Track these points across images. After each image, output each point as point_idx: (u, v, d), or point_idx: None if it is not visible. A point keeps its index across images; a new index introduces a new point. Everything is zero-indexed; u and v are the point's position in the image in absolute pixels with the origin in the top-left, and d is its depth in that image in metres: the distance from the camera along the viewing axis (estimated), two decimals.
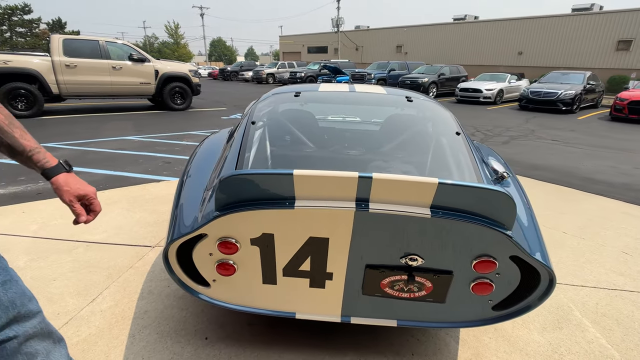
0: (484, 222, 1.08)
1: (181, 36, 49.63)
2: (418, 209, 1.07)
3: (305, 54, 44.93)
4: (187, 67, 9.80)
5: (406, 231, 1.12)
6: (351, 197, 1.07)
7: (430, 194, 1.05)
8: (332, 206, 1.07)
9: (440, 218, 1.07)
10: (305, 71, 21.21)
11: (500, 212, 1.07)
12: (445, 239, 1.12)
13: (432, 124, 1.89)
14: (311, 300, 1.33)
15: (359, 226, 1.12)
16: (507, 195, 1.03)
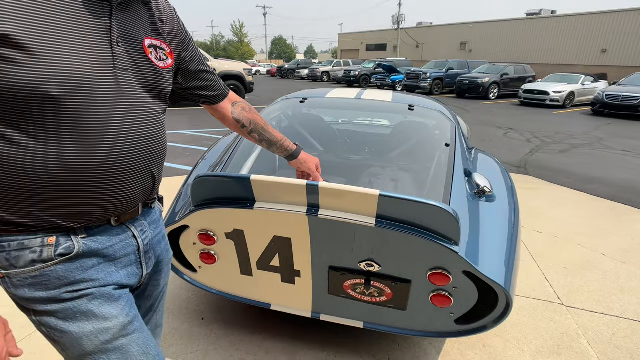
0: (428, 235, 1.09)
1: (245, 35, 52.00)
2: (364, 217, 1.11)
3: (364, 51, 44.61)
4: (242, 66, 10.31)
5: (357, 238, 1.16)
6: (303, 202, 1.14)
7: (373, 205, 1.08)
8: (286, 210, 1.15)
9: (384, 228, 1.10)
10: (360, 70, 21.11)
11: (443, 227, 1.07)
12: (396, 248, 1.14)
13: (425, 134, 1.88)
14: (284, 294, 1.42)
15: (314, 230, 1.19)
16: (447, 211, 1.03)
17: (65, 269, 0.68)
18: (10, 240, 0.64)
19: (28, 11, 0.56)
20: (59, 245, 0.67)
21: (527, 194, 4.01)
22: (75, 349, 0.70)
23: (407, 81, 17.44)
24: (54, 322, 0.69)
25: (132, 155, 0.70)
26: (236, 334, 1.74)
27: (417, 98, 2.29)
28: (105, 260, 0.73)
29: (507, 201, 1.51)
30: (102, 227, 0.72)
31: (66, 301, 0.69)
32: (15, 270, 0.65)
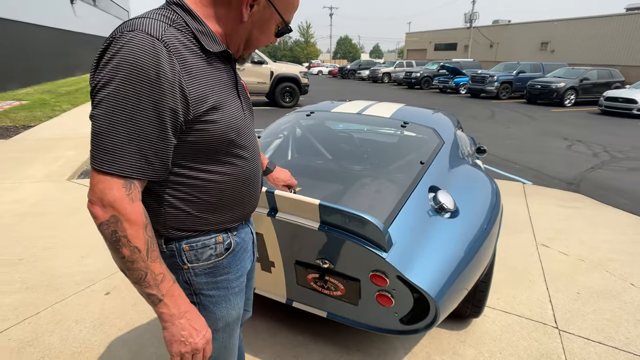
0: (360, 241, 1.26)
1: (311, 35, 53.25)
2: (310, 222, 1.31)
3: (432, 51, 43.12)
4: (298, 69, 10.77)
5: (309, 238, 1.37)
6: (266, 205, 1.38)
7: (316, 212, 1.27)
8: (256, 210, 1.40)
9: (324, 232, 1.29)
10: (422, 71, 20.59)
11: (372, 235, 1.23)
12: (339, 250, 1.33)
13: (405, 151, 2.02)
14: (265, 280, 1.67)
15: (278, 228, 1.42)
16: (372, 222, 1.19)
17: (227, 261, 0.90)
18: (196, 241, 0.85)
19: (215, 84, 0.79)
20: (224, 242, 0.89)
21: (565, 212, 3.81)
22: (211, 325, 0.90)
23: (471, 84, 16.67)
24: (207, 303, 0.90)
25: (260, 168, 0.97)
26: None
27: (421, 114, 2.39)
28: (242, 252, 0.95)
29: (472, 221, 1.59)
30: (240, 225, 0.94)
31: (222, 289, 0.91)
32: (199, 263, 0.86)
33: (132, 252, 0.70)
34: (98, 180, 0.68)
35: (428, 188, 1.60)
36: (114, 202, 0.67)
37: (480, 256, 1.59)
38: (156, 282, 0.73)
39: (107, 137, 0.67)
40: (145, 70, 0.67)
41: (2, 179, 3.96)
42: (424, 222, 1.46)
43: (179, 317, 0.76)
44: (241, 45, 0.87)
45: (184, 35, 0.75)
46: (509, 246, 3.02)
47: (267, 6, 0.81)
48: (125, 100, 0.67)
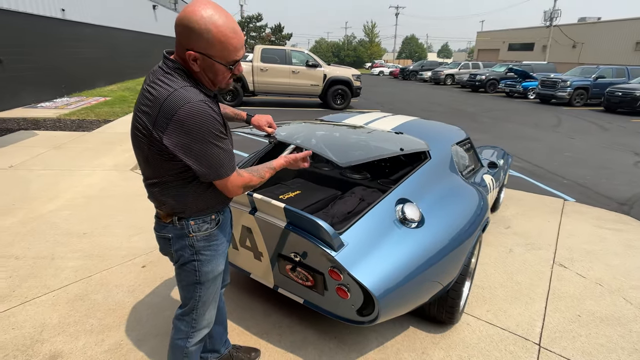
0: (315, 240, 1.49)
1: (376, 35, 52.84)
2: (279, 221, 1.58)
3: (505, 51, 40.51)
4: (351, 72, 11.00)
5: (281, 235, 1.64)
6: (247, 204, 1.68)
7: (282, 214, 1.54)
8: (239, 207, 1.71)
9: (289, 230, 1.55)
10: (488, 73, 19.56)
11: (323, 236, 1.46)
12: (303, 246, 1.58)
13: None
14: (257, 268, 1.98)
15: (261, 224, 1.71)
16: (321, 225, 1.42)
17: (217, 231, 1.31)
18: (199, 218, 1.25)
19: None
20: (216, 219, 1.30)
21: (601, 233, 3.62)
22: (204, 275, 1.32)
23: (540, 89, 15.54)
24: (203, 259, 1.29)
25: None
26: (236, 295, 2.38)
27: (421, 129, 2.52)
28: (226, 225, 1.37)
29: (437, 233, 1.74)
30: (225, 208, 1.36)
31: (212, 250, 1.30)
32: (200, 232, 1.26)
33: (259, 183, 1.30)
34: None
35: (397, 199, 1.78)
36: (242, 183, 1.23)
37: (440, 266, 1.74)
38: (271, 174, 1.33)
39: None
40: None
41: (81, 166, 4.79)
42: (385, 230, 1.66)
43: (281, 164, 1.38)
44: (211, 85, 1.18)
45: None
46: (521, 262, 3.00)
47: (206, 58, 1.09)
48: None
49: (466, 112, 12.10)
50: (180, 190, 1.20)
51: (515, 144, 7.66)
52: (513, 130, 9.25)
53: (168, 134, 1.06)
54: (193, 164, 1.10)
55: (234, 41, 1.09)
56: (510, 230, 3.60)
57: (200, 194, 1.23)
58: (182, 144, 1.06)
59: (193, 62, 1.09)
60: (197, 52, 1.07)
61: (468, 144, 2.78)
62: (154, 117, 1.07)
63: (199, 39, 1.05)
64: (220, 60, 1.10)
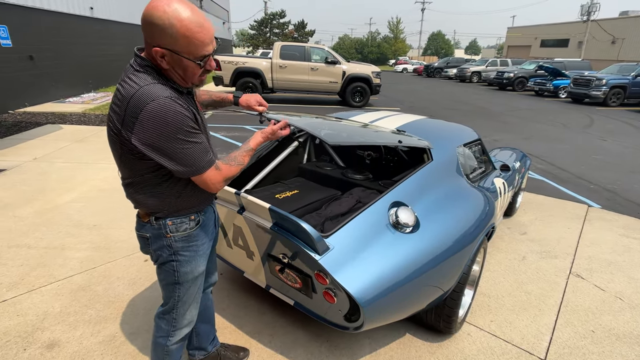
0: (300, 243, 1.45)
1: (401, 31, 51.88)
2: (265, 222, 1.55)
3: (537, 48, 38.90)
4: (371, 69, 10.84)
5: (269, 235, 1.61)
6: (235, 203, 1.66)
7: (267, 214, 1.50)
8: (227, 206, 1.69)
9: (275, 232, 1.51)
10: (517, 71, 18.84)
11: (307, 239, 1.41)
12: (290, 248, 1.54)
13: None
14: (249, 267, 1.96)
15: (249, 225, 1.69)
16: (304, 228, 1.37)
17: (197, 232, 1.29)
18: (177, 218, 1.24)
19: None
20: (196, 219, 1.28)
21: (626, 243, 3.40)
22: (183, 276, 1.31)
23: (572, 87, 14.81)
24: (182, 260, 1.28)
25: None
26: (232, 293, 2.38)
27: (427, 129, 2.43)
28: (207, 225, 1.35)
29: (432, 239, 1.66)
30: (207, 207, 1.34)
31: (192, 251, 1.29)
32: (178, 233, 1.25)
33: (239, 170, 1.27)
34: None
35: (391, 203, 1.72)
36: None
37: (435, 273, 1.66)
38: (250, 156, 1.30)
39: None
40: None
41: (99, 159, 4.94)
42: (376, 234, 1.59)
43: (259, 141, 1.34)
44: (182, 82, 1.16)
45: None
46: (534, 271, 2.86)
47: (173, 54, 1.07)
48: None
49: (491, 111, 11.70)
50: (156, 190, 1.19)
51: (541, 145, 7.33)
52: (540, 130, 8.86)
53: (136, 133, 1.04)
54: (165, 162, 1.09)
55: (200, 35, 1.05)
56: (526, 237, 3.44)
57: (177, 193, 1.22)
58: (151, 142, 1.05)
59: (161, 59, 1.07)
60: (163, 49, 1.05)
61: (478, 145, 2.66)
62: (122, 116, 1.06)
63: (163, 34, 1.03)
64: (187, 55, 1.07)
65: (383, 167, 2.63)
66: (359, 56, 53.07)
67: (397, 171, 2.55)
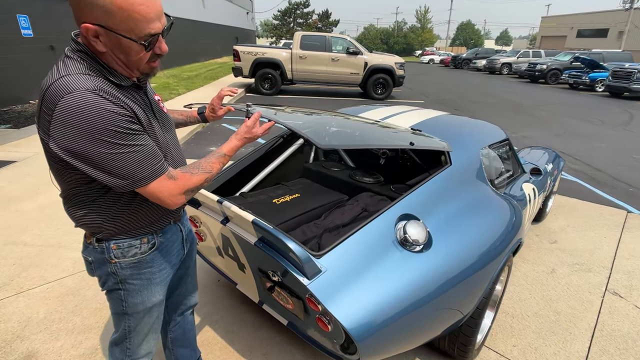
0: (288, 264, 1.23)
1: (428, 20, 50.21)
2: (249, 236, 1.34)
3: (573, 38, 36.87)
4: (394, 60, 10.42)
5: (254, 250, 1.40)
6: (219, 212, 1.46)
7: (251, 228, 1.30)
8: (210, 215, 1.49)
9: (259, 249, 1.30)
10: (550, 62, 17.81)
11: (295, 260, 1.20)
12: (279, 267, 1.33)
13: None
14: (241, 279, 1.78)
15: (236, 236, 1.49)
16: (290, 247, 1.15)
17: (150, 257, 1.09)
18: (123, 241, 1.03)
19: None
20: (149, 242, 1.07)
21: None
22: (132, 307, 1.12)
23: (611, 80, 13.83)
24: (131, 289, 1.09)
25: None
26: (226, 304, 2.21)
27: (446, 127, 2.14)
28: (168, 248, 1.14)
29: (447, 260, 1.41)
30: (167, 227, 1.13)
31: (144, 279, 1.09)
32: (125, 259, 1.04)
33: (206, 180, 1.04)
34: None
35: (400, 215, 1.48)
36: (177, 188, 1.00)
37: (449, 299, 1.42)
38: (222, 164, 1.08)
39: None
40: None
41: None
42: (380, 253, 1.36)
43: (235, 145, 1.10)
44: (127, 70, 0.95)
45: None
46: (565, 286, 2.56)
47: (109, 33, 0.85)
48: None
49: (521, 104, 11.06)
50: (93, 206, 0.99)
51: (574, 143, 6.81)
52: (573, 126, 8.26)
53: (52, 134, 0.84)
54: (91, 172, 0.87)
55: (142, 8, 0.84)
56: (556, 246, 3.11)
57: (121, 210, 1.01)
58: (69, 147, 0.84)
59: (94, 39, 0.86)
60: (95, 25, 0.83)
61: (506, 146, 2.36)
62: (38, 113, 0.87)
63: (93, 6, 0.81)
64: (126, 34, 0.86)
65: (398, 169, 2.37)
66: (384, 47, 51.88)
67: (413, 174, 2.29)
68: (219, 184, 1.98)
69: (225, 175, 2.05)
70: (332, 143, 1.22)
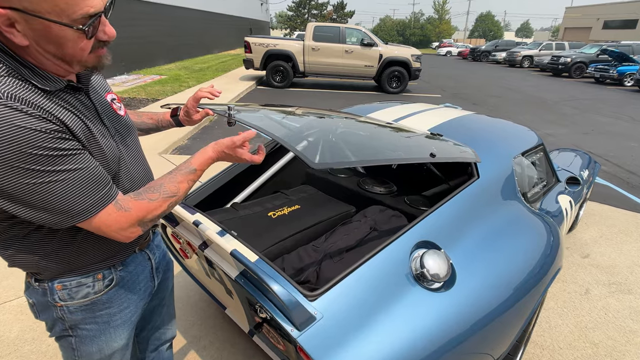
0: (273, 309, 0.99)
1: (446, 11, 48.84)
2: (230, 268, 1.09)
3: (599, 30, 35.34)
4: (410, 52, 9.99)
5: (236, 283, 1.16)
6: (196, 235, 1.22)
7: (231, 260, 1.05)
8: (187, 237, 1.25)
9: (239, 285, 1.06)
10: (575, 55, 16.98)
11: (281, 305, 0.95)
12: (265, 307, 1.09)
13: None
14: (230, 304, 1.54)
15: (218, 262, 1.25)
16: (275, 291, 0.91)
17: (107, 296, 0.89)
18: (70, 279, 0.83)
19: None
20: (105, 279, 0.88)
21: None
22: (86, 356, 0.93)
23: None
24: (84, 335, 0.89)
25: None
26: (216, 324, 1.99)
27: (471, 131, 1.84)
28: (132, 283, 0.95)
29: (471, 301, 1.14)
30: (130, 256, 0.94)
31: (101, 323, 0.90)
32: (74, 301, 0.85)
33: (170, 205, 0.83)
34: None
35: (417, 243, 1.21)
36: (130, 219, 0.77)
37: (473, 345, 1.15)
38: (191, 182, 0.85)
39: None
40: None
41: None
42: (390, 292, 1.10)
43: (209, 157, 0.88)
44: (61, 67, 0.71)
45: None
46: (602, 311, 2.25)
47: (30, 18, 0.61)
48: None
49: (544, 100, 10.52)
50: (24, 243, 0.78)
51: (604, 142, 6.35)
52: (602, 124, 7.76)
53: None
54: (14, 209, 0.66)
55: None
56: (589, 261, 2.79)
57: (61, 246, 0.80)
58: None
59: (8, 29, 0.61)
60: (6, 9, 0.59)
61: (540, 152, 2.04)
62: None
63: None
64: (55, 17, 0.62)
65: (412, 174, 2.09)
66: (400, 39, 50.79)
67: (430, 182, 2.01)
68: (208, 193, 1.74)
69: (216, 183, 1.81)
70: (327, 161, 0.96)
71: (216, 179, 1.82)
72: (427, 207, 1.77)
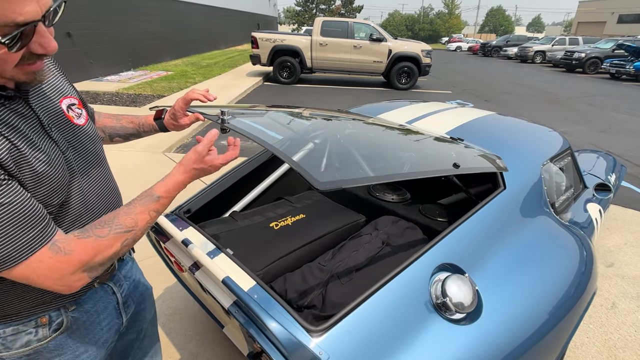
0: (271, 348, 0.85)
1: (456, 6, 48.06)
2: (223, 296, 0.96)
3: (613, 24, 34.50)
4: (420, 47, 9.75)
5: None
6: (187, 255, 1.08)
7: (223, 287, 0.91)
8: (178, 256, 1.12)
9: (234, 317, 0.92)
10: (590, 50, 16.52)
11: (279, 345, 0.81)
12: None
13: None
14: (228, 322, 1.42)
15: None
16: (270, 328, 0.77)
17: (55, 343, 0.75)
18: (6, 326, 0.70)
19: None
20: (52, 323, 0.73)
21: None
22: None
23: None
24: None
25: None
26: (219, 341, 1.86)
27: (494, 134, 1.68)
28: (89, 323, 0.80)
29: (501, 332, 0.99)
30: (88, 292, 0.79)
31: None
32: (10, 352, 0.71)
33: (125, 244, 0.69)
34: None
35: (437, 266, 1.06)
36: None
37: None
38: (154, 213, 0.72)
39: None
40: None
41: (119, 145, 4.62)
42: (405, 325, 0.96)
43: (177, 182, 0.76)
44: None
45: None
46: (632, 327, 2.08)
47: None
48: None
49: (558, 96, 10.21)
50: None
51: (622, 141, 6.10)
52: (619, 121, 7.47)
53: None
54: None
55: None
56: (614, 271, 2.61)
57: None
58: None
59: None
60: None
61: (567, 157, 1.87)
62: None
63: None
64: None
65: (427, 181, 1.93)
66: (409, 33, 50.17)
67: (447, 189, 1.85)
68: (205, 201, 1.60)
69: (214, 190, 1.67)
70: (335, 179, 0.81)
71: (214, 186, 1.68)
72: (444, 218, 1.62)
